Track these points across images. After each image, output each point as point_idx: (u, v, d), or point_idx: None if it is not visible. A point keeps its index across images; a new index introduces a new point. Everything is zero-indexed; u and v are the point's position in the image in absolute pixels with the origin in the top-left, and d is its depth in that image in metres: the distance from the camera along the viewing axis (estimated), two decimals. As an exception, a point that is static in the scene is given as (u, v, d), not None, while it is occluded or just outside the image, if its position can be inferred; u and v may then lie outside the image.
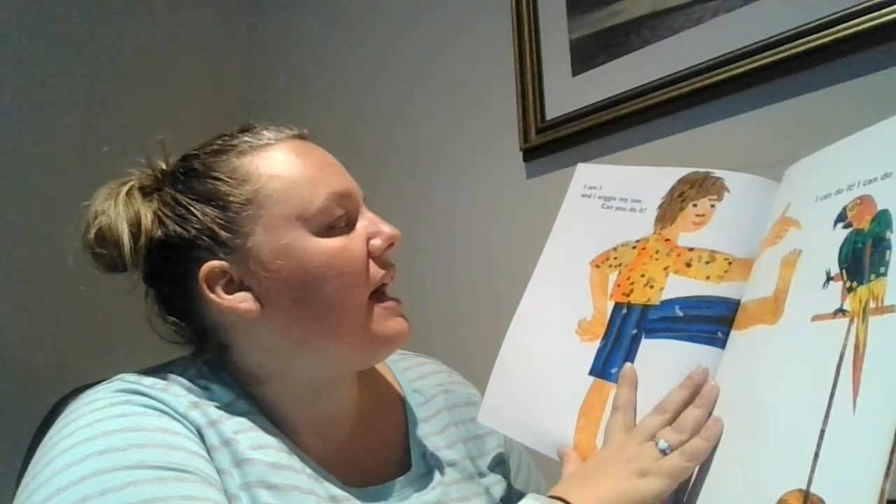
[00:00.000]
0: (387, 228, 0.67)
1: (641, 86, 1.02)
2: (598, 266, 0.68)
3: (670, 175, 0.67)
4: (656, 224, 0.66)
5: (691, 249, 0.62)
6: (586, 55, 1.10)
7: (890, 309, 0.40)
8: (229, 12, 1.86)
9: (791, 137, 0.87)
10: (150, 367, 0.66)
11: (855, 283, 0.43)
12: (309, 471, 0.63)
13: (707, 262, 0.60)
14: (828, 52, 0.84)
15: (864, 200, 0.45)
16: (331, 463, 0.65)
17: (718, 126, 0.96)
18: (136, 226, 0.64)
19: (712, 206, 0.62)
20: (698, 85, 0.96)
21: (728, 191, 0.62)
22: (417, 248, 1.34)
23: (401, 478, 0.69)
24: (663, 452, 0.55)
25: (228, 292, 0.63)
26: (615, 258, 0.67)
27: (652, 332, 0.62)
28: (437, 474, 0.70)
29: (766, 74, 0.90)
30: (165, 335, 0.68)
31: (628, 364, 0.61)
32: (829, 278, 0.45)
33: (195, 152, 0.68)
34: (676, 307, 0.61)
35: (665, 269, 0.63)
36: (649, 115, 1.02)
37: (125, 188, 0.66)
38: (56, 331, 1.39)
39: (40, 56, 1.49)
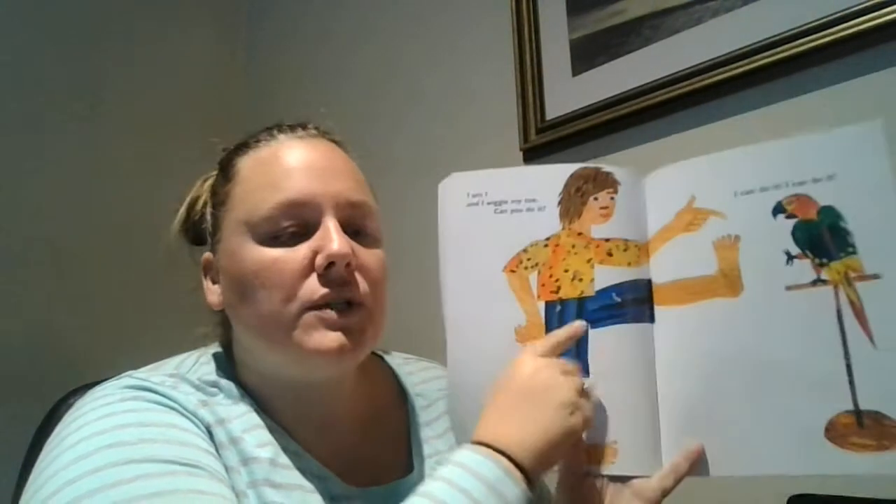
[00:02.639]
0: (333, 246, 0.61)
1: (641, 86, 1.03)
2: (513, 271, 0.68)
3: (558, 172, 0.68)
4: (562, 220, 0.67)
5: (608, 240, 0.65)
6: (586, 55, 1.11)
7: (873, 276, 0.55)
8: (229, 12, 1.86)
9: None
10: (156, 363, 0.66)
11: (825, 260, 0.56)
12: (312, 470, 0.63)
13: (624, 250, 0.65)
14: (828, 53, 0.85)
15: (801, 198, 0.58)
16: (333, 463, 0.65)
17: (718, 126, 0.96)
18: (189, 208, 0.72)
19: (612, 198, 0.66)
20: (698, 85, 0.97)
21: (620, 183, 0.66)
22: (418, 249, 1.34)
23: (403, 480, 0.69)
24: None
25: (214, 282, 0.67)
26: (528, 259, 0.67)
27: (597, 322, 0.64)
28: None
29: (766, 74, 0.91)
30: None
31: (581, 322, 0.64)
32: (791, 257, 0.58)
33: (227, 147, 0.71)
34: (613, 294, 0.64)
35: (588, 261, 0.65)
36: (649, 115, 1.03)
37: (207, 176, 0.72)
38: (56, 330, 1.38)
39: (43, 60, 1.49)
